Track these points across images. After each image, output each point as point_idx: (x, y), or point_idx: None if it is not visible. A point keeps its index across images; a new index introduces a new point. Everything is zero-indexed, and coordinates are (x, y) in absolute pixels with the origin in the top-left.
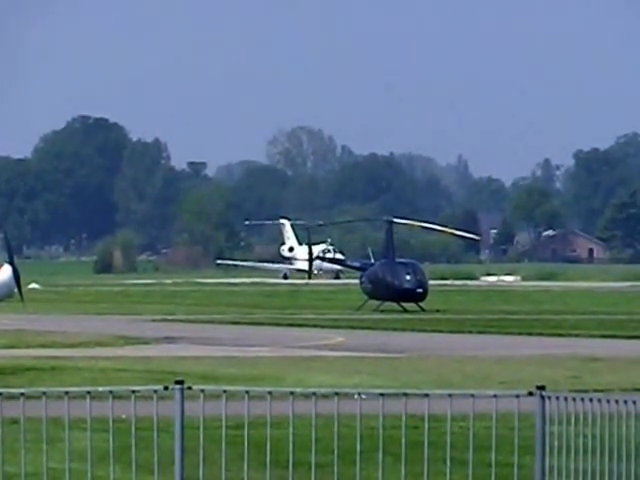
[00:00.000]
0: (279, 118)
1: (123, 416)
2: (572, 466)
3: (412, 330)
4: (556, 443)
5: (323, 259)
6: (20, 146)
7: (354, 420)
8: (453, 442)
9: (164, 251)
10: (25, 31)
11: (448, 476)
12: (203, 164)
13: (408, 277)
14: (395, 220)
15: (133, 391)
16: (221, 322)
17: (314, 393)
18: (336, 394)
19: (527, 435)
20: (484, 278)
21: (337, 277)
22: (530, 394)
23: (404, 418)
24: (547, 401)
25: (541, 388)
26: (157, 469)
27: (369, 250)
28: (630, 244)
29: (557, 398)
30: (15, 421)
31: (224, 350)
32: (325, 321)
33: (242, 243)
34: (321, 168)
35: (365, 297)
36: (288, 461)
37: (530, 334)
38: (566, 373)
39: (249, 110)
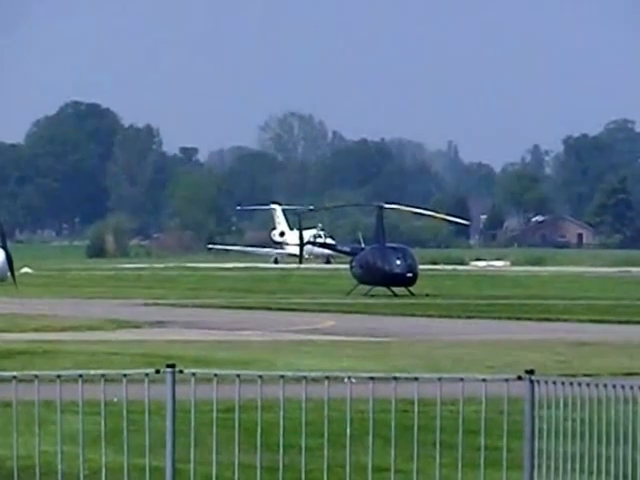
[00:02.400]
0: (270, 104)
1: (115, 399)
2: (561, 450)
3: (402, 314)
4: (545, 427)
5: (314, 244)
6: (13, 131)
7: (344, 404)
8: (443, 426)
9: (156, 236)
10: (18, 16)
11: (438, 459)
12: (195, 149)
13: (398, 262)
14: (385, 205)
15: (125, 374)
16: (212, 306)
17: (305, 377)
18: (326, 378)
19: (516, 419)
20: (474, 263)
21: (328, 262)
22: (519, 378)
23: (394, 402)
24: (536, 385)
25: (530, 372)
26: (148, 452)
27: (359, 235)
28: (619, 229)
29: (546, 382)
30: (8, 404)
31: (215, 334)
32: (316, 305)
33: (233, 228)
34: (312, 153)
35: (355, 282)
36: (278, 444)
37: (519, 319)
38: (555, 357)
39: (240, 96)
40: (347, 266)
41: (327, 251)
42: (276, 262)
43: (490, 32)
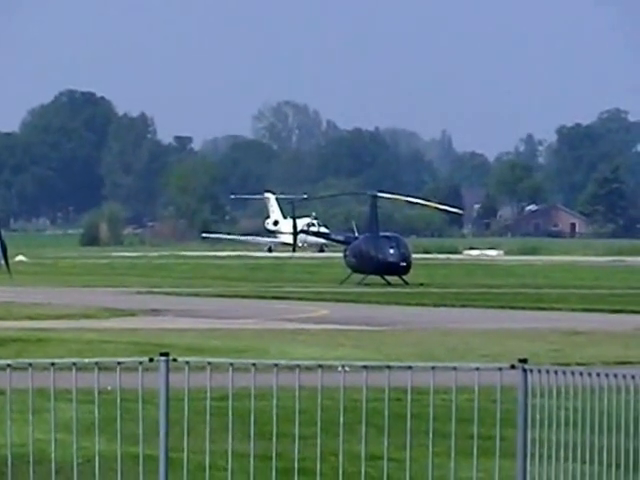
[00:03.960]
0: (265, 93)
1: (108, 387)
2: (554, 438)
3: (396, 303)
4: (538, 416)
5: (308, 233)
6: (8, 120)
7: (337, 392)
8: (436, 414)
9: (150, 224)
10: (12, 5)
11: (431, 448)
12: (189, 138)
13: (392, 251)
14: (379, 194)
15: (118, 363)
16: (206, 295)
17: (298, 365)
18: (320, 366)
19: (509, 408)
20: (467, 252)
21: (321, 250)
22: (512, 367)
23: (387, 390)
24: (529, 374)
25: (523, 361)
26: (142, 440)
27: (353, 224)
28: (612, 219)
29: (539, 371)
30: (2, 392)
31: (209, 322)
32: (309, 294)
33: (227, 217)
34: (306, 142)
35: (349, 270)
36: (272, 433)
37: (513, 308)
38: (548, 346)
39: (235, 85)
40: (341, 255)
41: (321, 240)
42: (270, 251)
43: (484, 22)
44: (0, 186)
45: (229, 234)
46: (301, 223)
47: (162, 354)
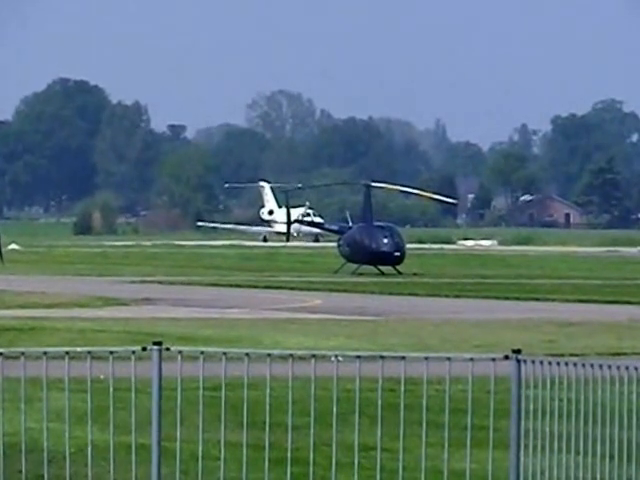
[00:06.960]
0: (259, 82)
1: (101, 376)
2: (547, 429)
3: (389, 293)
4: (532, 407)
5: (302, 222)
6: (1, 108)
7: (331, 382)
8: (429, 405)
9: (143, 213)
10: None
11: (424, 439)
12: (183, 127)
13: (385, 240)
14: (373, 184)
15: (111, 352)
16: (200, 284)
17: (291, 355)
18: (313, 356)
19: (503, 398)
20: (461, 242)
21: (316, 240)
22: (506, 358)
23: (381, 381)
24: (523, 365)
25: (517, 352)
26: (134, 429)
27: (347, 213)
28: (606, 209)
29: (533, 362)
30: None
31: (202, 312)
32: (303, 284)
33: (221, 206)
34: (300, 132)
35: (343, 260)
36: (265, 422)
37: (507, 298)
38: (542, 337)
39: (229, 74)
40: (335, 245)
41: (315, 229)
42: (264, 240)
43: (478, 12)
44: None
45: (223, 223)
46: (296, 212)
47: (155, 343)
